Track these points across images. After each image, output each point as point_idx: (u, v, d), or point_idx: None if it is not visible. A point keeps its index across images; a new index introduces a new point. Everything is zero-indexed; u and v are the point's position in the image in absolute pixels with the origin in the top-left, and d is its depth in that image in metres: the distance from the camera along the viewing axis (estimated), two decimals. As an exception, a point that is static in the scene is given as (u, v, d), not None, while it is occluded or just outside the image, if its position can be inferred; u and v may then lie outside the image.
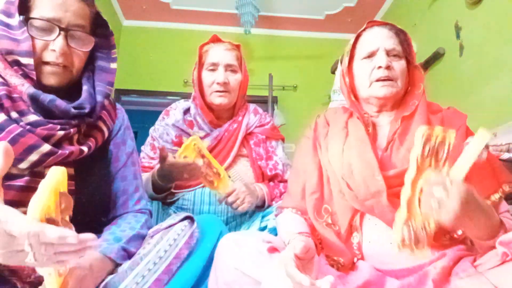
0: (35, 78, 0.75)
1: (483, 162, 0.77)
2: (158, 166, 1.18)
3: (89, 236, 0.54)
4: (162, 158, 1.10)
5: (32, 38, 0.74)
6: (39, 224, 0.50)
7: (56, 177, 0.56)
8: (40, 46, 0.75)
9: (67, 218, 0.59)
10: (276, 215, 0.97)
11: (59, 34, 0.75)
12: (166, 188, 1.21)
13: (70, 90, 0.82)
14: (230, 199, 1.16)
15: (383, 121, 0.95)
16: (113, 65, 0.86)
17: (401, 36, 0.96)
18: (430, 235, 0.66)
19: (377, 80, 0.91)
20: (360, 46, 0.97)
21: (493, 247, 0.67)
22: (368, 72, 0.93)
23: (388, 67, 0.90)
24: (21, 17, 0.75)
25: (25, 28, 0.74)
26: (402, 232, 0.65)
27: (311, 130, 1.02)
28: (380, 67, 0.90)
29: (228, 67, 1.34)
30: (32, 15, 0.75)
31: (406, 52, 0.95)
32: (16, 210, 0.52)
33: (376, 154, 0.86)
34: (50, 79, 0.77)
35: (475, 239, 0.69)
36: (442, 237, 0.78)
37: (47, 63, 0.76)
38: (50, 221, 0.53)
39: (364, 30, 0.98)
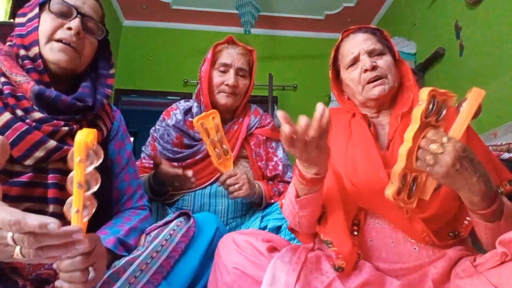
0: (42, 66, 0.78)
1: (485, 157, 0.77)
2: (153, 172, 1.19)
3: (73, 228, 0.53)
4: (155, 166, 1.12)
5: (51, 17, 0.79)
6: (20, 213, 0.50)
7: (88, 134, 0.57)
8: (54, 25, 0.80)
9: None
10: (281, 206, 0.95)
11: (76, 16, 0.81)
12: (163, 192, 1.22)
13: (67, 86, 0.84)
14: (229, 181, 1.16)
15: (383, 121, 0.96)
16: (112, 71, 0.92)
17: (378, 34, 0.97)
18: (423, 190, 0.69)
19: (368, 83, 0.92)
20: (342, 57, 0.99)
21: (489, 222, 0.68)
22: (356, 78, 0.94)
23: (374, 68, 0.91)
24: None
25: (36, 20, 0.79)
26: (399, 183, 0.66)
27: None
28: (366, 70, 0.91)
29: (239, 71, 1.34)
30: (52, 4, 0.80)
31: (387, 48, 0.96)
32: (2, 202, 0.52)
33: (379, 152, 0.86)
34: (58, 56, 0.79)
35: (469, 206, 0.69)
36: (446, 236, 0.78)
37: (59, 40, 0.79)
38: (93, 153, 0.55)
39: (341, 41, 1.00)
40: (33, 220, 0.49)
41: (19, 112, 0.73)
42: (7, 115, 0.71)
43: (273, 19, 3.66)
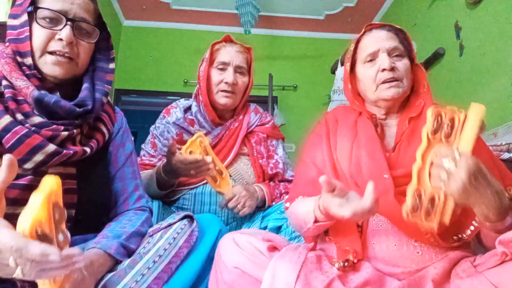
0: (39, 75, 0.77)
1: (490, 162, 0.77)
2: (162, 161, 1.19)
3: (73, 251, 0.54)
4: (171, 153, 1.11)
5: (40, 28, 0.77)
6: (23, 239, 0.50)
7: (50, 188, 0.55)
8: (46, 36, 0.77)
9: (64, 226, 0.58)
10: (286, 209, 0.95)
11: (66, 24, 0.78)
12: (170, 184, 1.22)
13: (70, 88, 0.83)
14: (231, 205, 1.17)
15: (390, 123, 0.96)
16: (112, 65, 0.89)
17: (401, 35, 0.96)
18: (440, 209, 0.68)
19: (383, 82, 0.91)
20: (361, 50, 0.97)
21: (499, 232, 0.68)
22: (372, 76, 0.92)
23: (392, 68, 0.90)
24: (30, 8, 0.77)
25: (26, 28, 0.77)
26: (413, 200, 0.67)
27: (323, 124, 1.01)
28: (384, 69, 0.90)
29: (238, 69, 1.35)
30: (39, 14, 0.77)
31: (407, 51, 0.95)
32: (6, 222, 0.52)
33: (384, 153, 0.86)
34: (54, 69, 0.78)
35: (483, 219, 0.68)
36: (450, 238, 0.78)
37: (52, 52, 0.77)
38: (41, 237, 0.52)
39: (363, 34, 0.97)
40: (35, 249, 0.49)
41: (19, 116, 0.73)
42: (7, 118, 0.71)
43: (273, 19, 3.65)
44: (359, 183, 0.84)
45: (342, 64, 2.96)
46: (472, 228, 0.77)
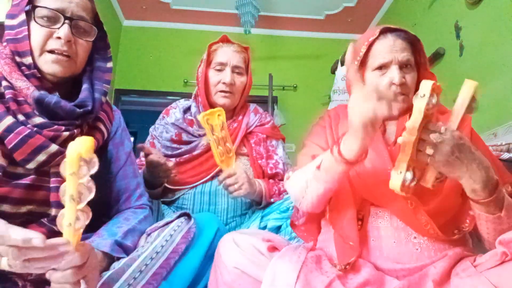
0: (38, 75, 0.77)
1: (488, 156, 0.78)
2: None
3: (60, 240, 0.53)
4: (145, 155, 1.14)
5: (39, 26, 0.77)
6: (5, 226, 0.50)
7: (83, 143, 0.56)
8: (44, 35, 0.77)
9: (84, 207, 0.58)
10: (287, 179, 0.93)
11: (64, 22, 0.78)
12: (156, 184, 1.22)
13: (69, 88, 0.83)
14: (228, 181, 1.16)
15: (390, 120, 0.96)
16: (109, 64, 0.89)
17: (415, 44, 0.94)
18: (424, 179, 0.70)
19: None
20: (373, 56, 0.93)
21: (490, 213, 0.69)
22: (380, 86, 0.91)
23: (401, 84, 0.89)
24: (28, 7, 0.77)
25: (25, 27, 0.77)
26: (405, 175, 0.68)
27: (326, 117, 1.02)
28: (393, 84, 0.89)
29: (235, 69, 1.35)
30: (37, 13, 0.77)
31: (418, 62, 0.94)
32: None
33: (386, 146, 0.87)
34: (53, 67, 0.78)
35: (471, 195, 0.70)
36: (450, 232, 0.79)
37: (51, 51, 0.78)
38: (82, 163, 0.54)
39: (377, 38, 0.93)
40: (17, 234, 0.49)
41: (21, 117, 0.73)
42: (10, 119, 0.71)
43: (273, 19, 3.65)
44: (361, 174, 0.85)
45: (342, 64, 2.96)
46: (468, 221, 0.78)
